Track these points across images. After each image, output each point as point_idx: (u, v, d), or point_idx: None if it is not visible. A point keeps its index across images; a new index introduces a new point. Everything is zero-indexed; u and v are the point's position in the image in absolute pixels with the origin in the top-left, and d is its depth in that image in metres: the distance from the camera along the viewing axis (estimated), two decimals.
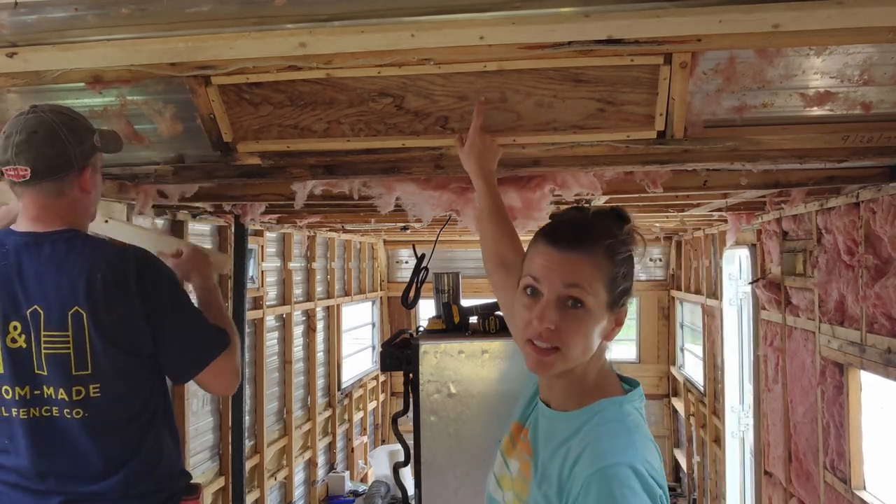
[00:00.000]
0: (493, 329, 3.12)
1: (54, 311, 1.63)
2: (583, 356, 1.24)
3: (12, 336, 1.63)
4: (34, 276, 1.64)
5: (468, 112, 1.86)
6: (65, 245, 1.67)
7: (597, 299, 1.22)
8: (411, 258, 6.80)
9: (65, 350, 1.63)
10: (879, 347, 2.82)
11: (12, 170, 1.62)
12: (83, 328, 1.63)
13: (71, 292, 1.63)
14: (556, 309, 1.21)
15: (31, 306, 1.63)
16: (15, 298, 1.64)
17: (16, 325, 1.64)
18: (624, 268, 1.26)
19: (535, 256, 1.27)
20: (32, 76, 1.62)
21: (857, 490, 3.16)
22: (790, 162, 2.07)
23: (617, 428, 1.20)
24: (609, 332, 1.27)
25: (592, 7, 1.36)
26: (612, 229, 1.27)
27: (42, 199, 1.66)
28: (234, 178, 2.23)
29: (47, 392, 1.65)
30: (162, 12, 1.45)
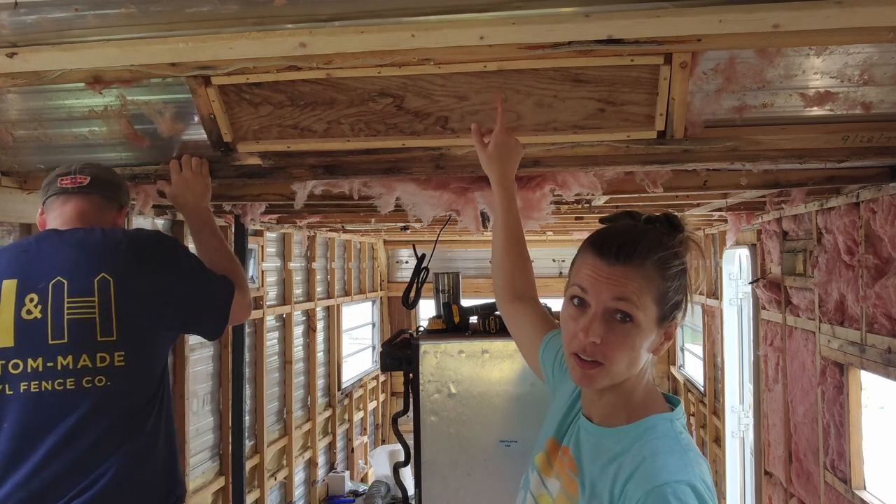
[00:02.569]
0: (494, 329, 3.12)
1: (79, 278, 1.70)
2: (628, 371, 1.21)
3: (27, 308, 1.68)
4: (55, 254, 1.73)
5: (468, 112, 1.86)
6: (84, 232, 1.80)
7: (646, 314, 1.18)
8: (411, 258, 6.80)
9: (90, 314, 1.69)
10: (880, 347, 2.82)
11: (70, 178, 1.84)
12: (109, 294, 1.70)
13: (96, 261, 1.73)
14: (603, 322, 1.18)
15: (54, 278, 1.70)
16: (32, 275, 1.70)
17: (32, 297, 1.68)
18: (676, 281, 1.22)
19: (582, 267, 1.24)
20: (32, 76, 1.62)
21: (857, 490, 3.16)
22: (790, 162, 2.07)
23: (671, 444, 1.17)
24: (658, 346, 1.24)
25: (592, 7, 1.36)
26: (662, 240, 1.23)
27: (85, 206, 1.85)
28: (235, 179, 2.23)
29: (62, 363, 1.67)
30: (162, 12, 1.45)
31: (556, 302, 3.89)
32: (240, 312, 2.01)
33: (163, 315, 1.80)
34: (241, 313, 2.02)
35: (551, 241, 7.54)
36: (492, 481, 2.98)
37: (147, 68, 1.61)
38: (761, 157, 2.01)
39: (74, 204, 1.85)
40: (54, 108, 1.98)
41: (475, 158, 2.04)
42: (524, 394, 2.97)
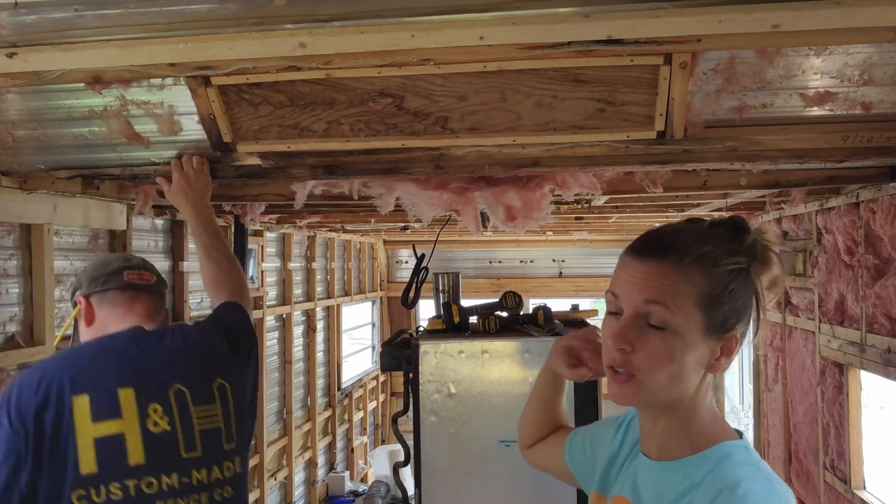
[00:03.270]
0: (494, 329, 3.12)
1: (199, 385, 1.66)
2: (672, 388, 1.05)
3: (153, 420, 1.57)
4: (164, 359, 1.66)
5: (468, 112, 1.86)
6: (179, 331, 1.76)
7: (687, 320, 1.02)
8: (411, 258, 6.81)
9: (216, 423, 1.65)
10: (879, 347, 2.82)
11: (137, 274, 1.79)
12: (228, 399, 1.69)
13: (208, 366, 1.70)
14: (635, 329, 1.04)
15: (173, 386, 1.62)
16: (147, 382, 1.60)
17: (156, 407, 1.58)
18: (731, 284, 1.05)
19: (617, 271, 1.11)
20: (32, 76, 1.61)
21: (857, 490, 3.16)
22: (790, 162, 2.07)
23: (753, 472, 1.01)
24: (713, 362, 1.06)
25: (592, 7, 1.36)
26: (713, 239, 1.07)
27: (152, 306, 1.80)
28: (234, 179, 2.23)
29: (197, 477, 1.60)
30: (162, 13, 1.45)
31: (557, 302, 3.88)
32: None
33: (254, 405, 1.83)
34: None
35: (551, 241, 7.55)
36: (492, 481, 2.97)
37: (147, 68, 1.61)
38: (761, 157, 2.01)
39: (145, 302, 1.79)
40: (54, 109, 1.98)
41: (475, 158, 2.04)
42: (524, 394, 2.96)
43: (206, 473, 1.60)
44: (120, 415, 1.54)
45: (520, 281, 8.17)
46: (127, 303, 1.76)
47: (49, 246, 2.68)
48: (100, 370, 1.59)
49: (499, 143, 1.94)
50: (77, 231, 2.98)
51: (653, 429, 1.12)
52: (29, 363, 2.61)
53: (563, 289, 8.28)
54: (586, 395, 2.95)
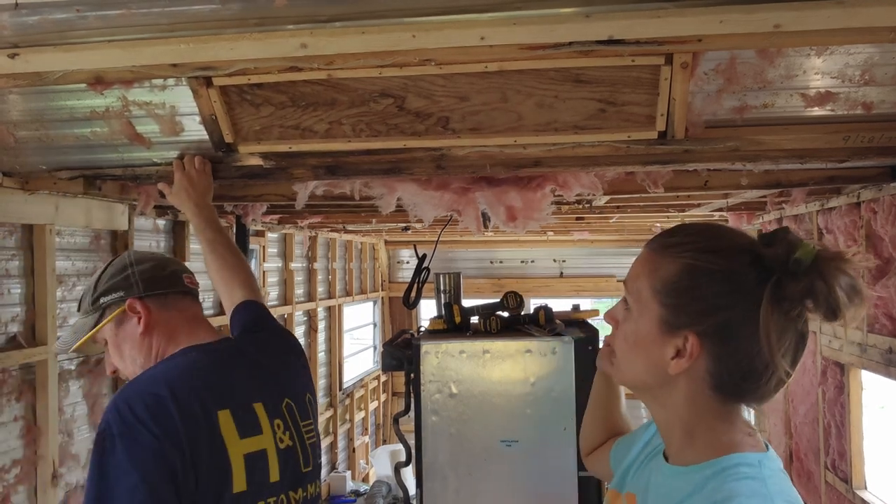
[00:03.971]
0: (495, 329, 3.12)
1: (299, 399, 1.63)
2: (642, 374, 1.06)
3: (279, 436, 1.53)
4: (275, 373, 1.62)
5: (469, 112, 1.87)
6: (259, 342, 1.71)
7: (643, 305, 1.04)
8: (412, 258, 6.81)
9: (315, 438, 1.64)
10: (881, 347, 2.82)
11: (190, 278, 1.71)
12: (315, 413, 1.68)
13: (296, 379, 1.67)
14: (620, 308, 1.11)
15: (283, 400, 1.58)
16: (271, 395, 1.56)
17: (279, 423, 1.55)
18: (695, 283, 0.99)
19: None
20: (34, 77, 1.62)
21: (858, 490, 3.16)
22: (791, 162, 2.07)
23: (755, 488, 0.94)
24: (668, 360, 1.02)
25: (593, 7, 1.36)
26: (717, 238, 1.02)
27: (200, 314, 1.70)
28: (236, 179, 2.23)
29: (311, 492, 1.60)
30: (163, 13, 1.45)
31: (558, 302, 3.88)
32: None
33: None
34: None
35: (552, 241, 7.55)
36: (493, 481, 2.98)
37: (148, 69, 1.61)
38: (762, 157, 2.01)
39: (195, 309, 1.69)
40: (56, 109, 1.98)
41: (477, 159, 2.04)
42: (525, 394, 2.97)
43: (315, 487, 1.61)
44: (261, 430, 1.49)
45: (521, 281, 8.18)
46: (191, 308, 1.67)
47: (51, 246, 2.69)
48: (232, 383, 1.52)
49: (500, 143, 1.94)
50: (79, 231, 2.98)
51: (667, 432, 1.09)
52: (30, 363, 2.62)
53: (563, 289, 8.29)
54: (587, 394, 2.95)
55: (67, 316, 2.91)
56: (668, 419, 1.07)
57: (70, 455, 2.89)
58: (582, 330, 3.13)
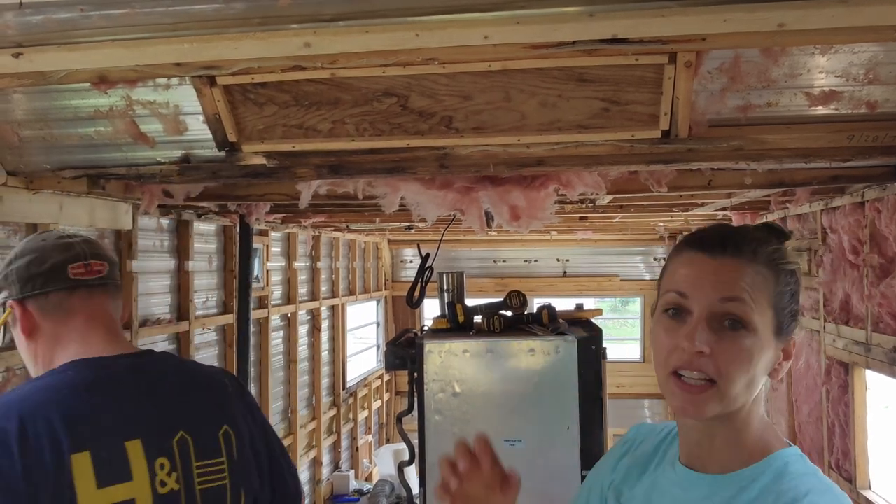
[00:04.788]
0: (498, 328, 3.12)
1: (204, 434, 1.32)
2: (744, 396, 0.96)
3: (161, 478, 1.25)
4: (165, 401, 1.32)
5: (473, 111, 1.86)
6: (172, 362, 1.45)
7: (763, 319, 0.95)
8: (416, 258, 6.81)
9: (222, 481, 1.32)
10: (885, 346, 2.82)
11: (83, 266, 1.34)
12: (232, 450, 1.35)
13: (218, 409, 1.37)
14: (710, 330, 0.93)
15: (177, 433, 1.29)
16: (156, 429, 1.28)
17: (163, 462, 1.26)
18: (791, 285, 0.99)
19: (678, 268, 1.00)
20: (38, 77, 1.62)
21: (862, 489, 3.16)
22: (795, 161, 2.07)
23: (816, 483, 0.93)
24: (775, 367, 0.99)
25: (597, 6, 1.36)
26: (771, 239, 1.00)
27: (111, 308, 1.38)
28: (239, 178, 2.24)
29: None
30: (167, 13, 1.46)
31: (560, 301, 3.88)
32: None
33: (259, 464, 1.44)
34: None
35: (555, 240, 7.54)
36: None
37: (152, 68, 1.61)
38: (766, 156, 2.00)
39: (101, 302, 1.36)
40: (60, 108, 1.99)
41: (480, 158, 2.04)
42: (528, 393, 2.97)
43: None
44: (130, 475, 1.23)
45: (524, 280, 8.17)
46: (84, 308, 1.34)
47: None
48: (100, 415, 1.25)
49: (503, 142, 1.94)
50: (83, 231, 2.99)
51: (709, 439, 1.00)
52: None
53: (567, 288, 8.28)
54: (590, 393, 2.95)
55: None
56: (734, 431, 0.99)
57: None
58: (585, 329, 3.12)
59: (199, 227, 4.05)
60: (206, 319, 4.07)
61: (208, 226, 4.21)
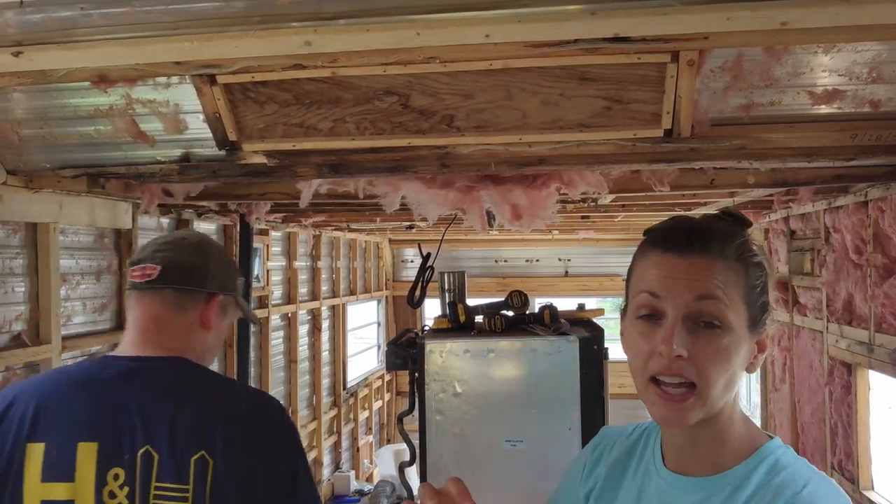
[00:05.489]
0: (499, 328, 3.11)
1: (173, 456, 1.26)
2: (724, 395, 0.94)
3: (111, 489, 1.23)
4: (143, 410, 1.29)
5: (474, 110, 1.86)
6: (185, 374, 1.37)
7: (737, 315, 0.93)
8: (417, 257, 6.81)
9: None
10: (888, 347, 2.81)
11: (139, 269, 1.39)
12: (206, 481, 1.25)
13: (196, 434, 1.28)
14: (686, 331, 0.92)
15: (142, 447, 1.26)
16: (118, 439, 1.26)
17: (117, 472, 1.24)
18: (761, 277, 0.98)
19: (648, 268, 0.98)
20: (38, 75, 1.61)
21: (864, 490, 3.15)
22: (798, 160, 2.06)
23: (809, 473, 0.93)
24: (751, 361, 0.98)
25: (599, 5, 1.35)
26: (736, 230, 0.99)
27: (158, 310, 1.39)
28: (240, 178, 2.23)
29: None
30: (167, 11, 1.45)
31: (562, 301, 3.87)
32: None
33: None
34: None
35: (557, 240, 7.53)
36: (497, 481, 2.97)
37: (152, 67, 1.60)
38: (769, 155, 2.00)
39: (146, 306, 1.39)
40: (60, 107, 1.98)
41: (481, 157, 2.04)
42: (530, 393, 2.96)
43: None
44: (73, 477, 1.23)
45: (525, 280, 8.17)
46: (133, 307, 1.41)
47: (55, 245, 2.69)
48: (65, 412, 1.28)
49: (505, 141, 1.93)
50: (83, 230, 2.99)
51: (691, 445, 0.99)
52: (35, 362, 2.62)
53: (568, 288, 8.27)
54: (592, 393, 2.94)
55: (71, 314, 2.91)
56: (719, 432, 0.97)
57: None
58: (587, 329, 3.11)
59: (200, 227, 4.05)
60: None
61: (208, 225, 4.21)
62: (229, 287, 1.49)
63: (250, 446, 1.30)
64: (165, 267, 1.39)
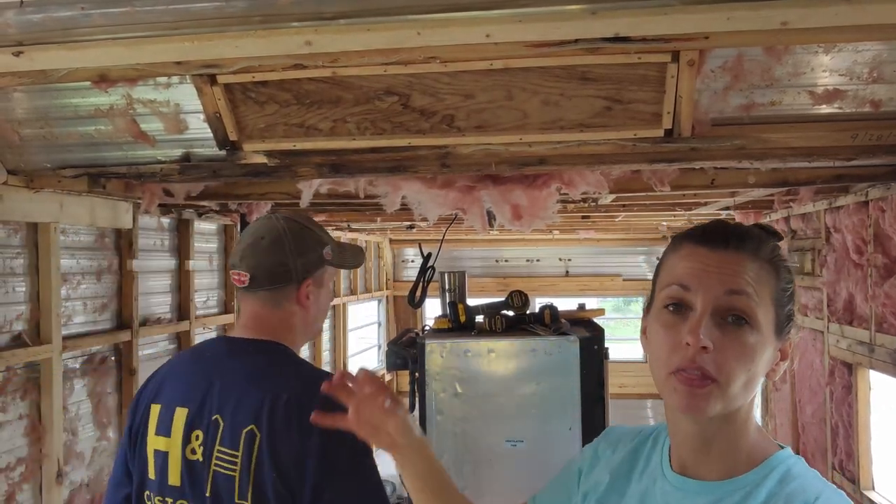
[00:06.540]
0: (500, 328, 3.11)
1: (232, 426, 1.45)
2: (744, 395, 0.93)
3: (192, 447, 1.47)
4: (223, 385, 1.49)
5: (474, 110, 1.86)
6: (263, 358, 1.55)
7: (766, 316, 0.93)
8: (417, 257, 6.80)
9: (232, 471, 1.43)
10: (889, 347, 2.81)
11: (236, 274, 1.60)
12: (252, 451, 1.42)
13: (251, 409, 1.44)
14: (713, 325, 0.91)
15: (214, 415, 1.46)
16: (203, 406, 1.48)
17: (198, 434, 1.47)
18: (791, 284, 0.98)
19: (678, 261, 0.97)
20: (38, 75, 1.62)
21: (865, 491, 3.15)
22: (798, 160, 2.06)
23: (821, 486, 0.92)
24: (773, 367, 0.97)
25: (599, 5, 1.35)
26: (769, 237, 0.99)
27: (257, 308, 1.59)
28: (240, 177, 2.23)
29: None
30: (167, 11, 1.45)
31: (562, 301, 3.87)
32: None
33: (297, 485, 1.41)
34: None
35: (557, 240, 7.53)
36: (497, 481, 2.97)
37: (152, 67, 1.61)
38: (769, 155, 2.00)
39: (246, 305, 1.61)
40: (60, 107, 1.98)
41: (481, 157, 2.04)
42: (530, 393, 2.96)
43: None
44: (170, 434, 1.49)
45: (526, 280, 8.16)
46: (240, 303, 1.66)
47: (55, 244, 2.69)
48: (177, 381, 1.56)
49: (505, 141, 1.93)
50: (83, 230, 2.99)
51: (704, 446, 0.97)
52: (35, 361, 2.62)
53: (569, 288, 8.26)
54: (592, 393, 2.94)
55: (72, 314, 2.91)
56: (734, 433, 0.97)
57: (75, 454, 2.89)
58: (587, 329, 3.12)
59: (200, 227, 4.05)
60: (206, 319, 4.07)
61: (209, 225, 4.21)
62: (315, 264, 1.63)
63: (289, 426, 1.42)
64: (253, 273, 1.58)
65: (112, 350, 3.20)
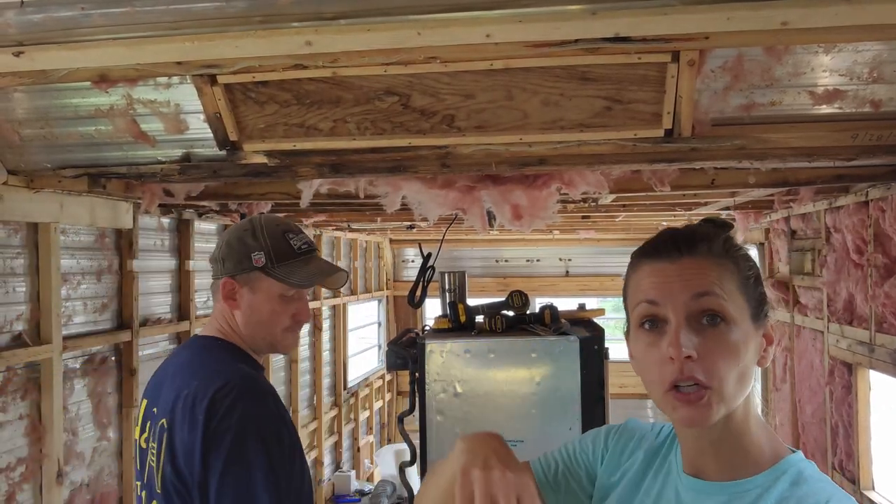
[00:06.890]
0: (500, 328, 3.11)
1: (156, 418, 1.52)
2: (739, 390, 0.94)
3: (146, 436, 1.56)
4: (165, 379, 1.57)
5: (475, 110, 1.86)
6: (193, 353, 1.62)
7: (738, 308, 0.94)
8: (417, 257, 6.80)
9: (154, 463, 1.50)
10: (889, 347, 2.81)
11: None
12: (162, 444, 1.48)
13: (168, 403, 1.49)
14: (691, 331, 0.92)
15: (153, 407, 1.56)
16: (154, 399, 1.57)
17: (149, 424, 1.56)
18: (752, 269, 1.00)
19: (641, 279, 1.00)
20: (39, 75, 1.62)
21: (865, 490, 3.15)
22: (799, 160, 2.06)
23: (835, 490, 0.92)
24: (761, 354, 0.98)
25: (599, 5, 1.35)
26: (718, 231, 1.01)
27: (217, 299, 1.65)
28: (240, 177, 2.23)
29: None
30: (168, 11, 1.45)
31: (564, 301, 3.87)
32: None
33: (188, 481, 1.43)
34: None
35: (557, 240, 7.53)
36: None
37: (153, 67, 1.61)
38: (769, 155, 2.00)
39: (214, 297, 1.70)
40: (61, 107, 1.98)
41: (482, 157, 2.04)
42: (531, 393, 2.96)
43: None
44: (138, 423, 1.63)
45: (526, 280, 8.17)
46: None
47: (55, 244, 2.69)
48: (154, 376, 1.65)
49: (505, 141, 1.93)
50: (83, 230, 2.99)
51: (710, 449, 0.98)
52: (35, 361, 2.62)
53: (569, 288, 8.27)
54: (592, 393, 2.94)
55: (72, 314, 2.91)
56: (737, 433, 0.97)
57: (75, 454, 2.89)
58: (587, 329, 3.11)
59: (200, 227, 4.05)
60: (207, 319, 4.07)
61: (209, 225, 4.21)
62: (243, 266, 1.60)
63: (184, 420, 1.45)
64: (217, 252, 1.66)
65: (112, 350, 3.20)
